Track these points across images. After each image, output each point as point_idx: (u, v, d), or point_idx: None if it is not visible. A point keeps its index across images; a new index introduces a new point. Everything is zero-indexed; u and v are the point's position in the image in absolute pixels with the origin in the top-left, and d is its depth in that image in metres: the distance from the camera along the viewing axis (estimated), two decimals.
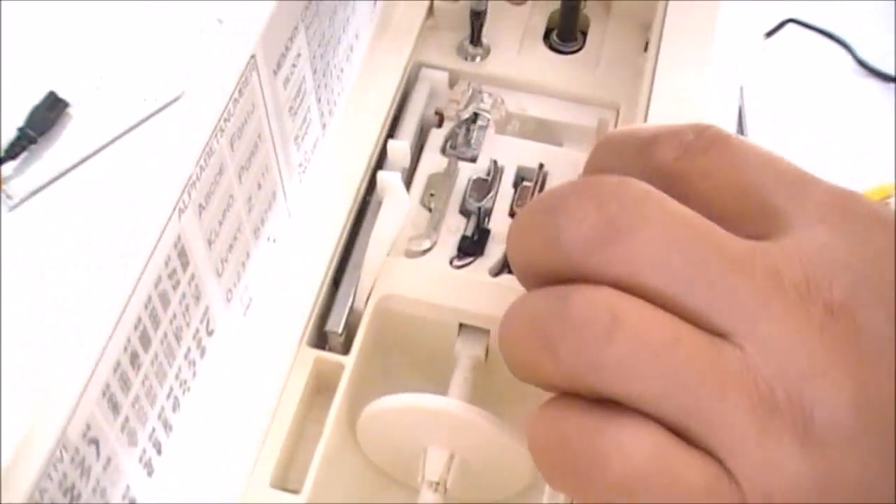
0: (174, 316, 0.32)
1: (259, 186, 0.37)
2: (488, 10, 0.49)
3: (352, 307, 0.42)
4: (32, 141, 0.86)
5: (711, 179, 0.29)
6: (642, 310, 0.26)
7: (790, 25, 1.06)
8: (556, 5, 0.52)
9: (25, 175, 0.86)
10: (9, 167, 0.85)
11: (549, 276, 0.29)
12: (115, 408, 0.30)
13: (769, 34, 1.05)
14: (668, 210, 0.27)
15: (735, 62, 0.47)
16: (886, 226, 0.28)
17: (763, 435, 0.25)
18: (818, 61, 1.05)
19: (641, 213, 0.27)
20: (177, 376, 0.33)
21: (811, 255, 0.27)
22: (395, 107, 0.47)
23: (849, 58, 1.04)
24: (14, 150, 0.85)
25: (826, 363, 0.26)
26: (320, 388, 0.41)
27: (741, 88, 0.47)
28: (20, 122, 0.87)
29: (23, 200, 0.84)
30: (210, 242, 0.34)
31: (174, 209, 0.31)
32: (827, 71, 1.05)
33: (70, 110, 0.91)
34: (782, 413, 0.26)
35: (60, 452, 0.27)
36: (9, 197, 0.81)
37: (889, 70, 1.03)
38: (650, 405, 0.26)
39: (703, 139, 0.29)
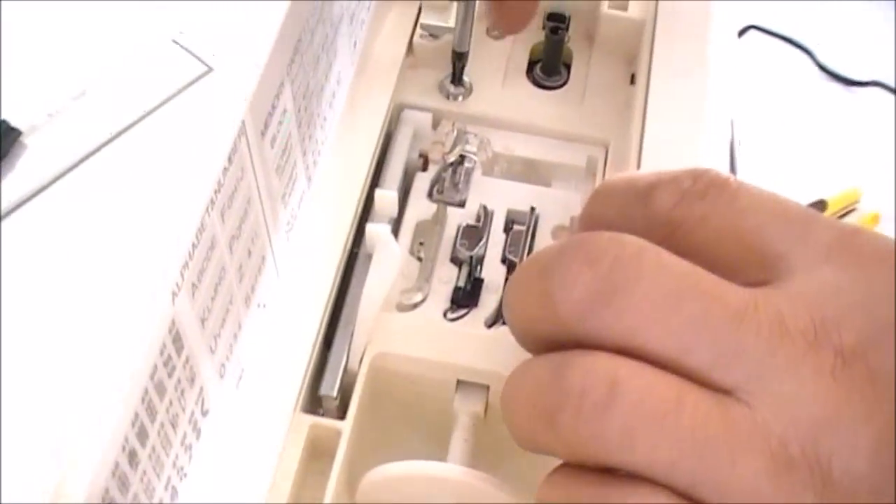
0: (170, 403, 0.30)
1: (249, 253, 0.35)
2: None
3: (345, 368, 0.40)
4: None
5: (710, 225, 0.28)
6: (641, 374, 0.25)
7: (752, 32, 1.06)
8: (538, 37, 0.51)
9: None
10: None
11: (548, 340, 0.28)
12: None
13: None
14: (664, 265, 0.26)
15: (726, 95, 0.46)
16: (893, 263, 0.27)
17: (779, 494, 0.24)
18: (780, 66, 1.05)
19: (636, 270, 0.26)
20: (174, 464, 0.32)
21: (817, 299, 0.26)
22: (378, 151, 0.45)
23: (810, 62, 1.05)
24: None
25: (841, 411, 0.25)
26: (317, 455, 0.39)
27: (732, 122, 0.46)
28: None
29: None
30: (203, 321, 0.32)
31: (169, 294, 0.29)
32: (789, 76, 1.05)
33: (24, 139, 0.88)
34: (798, 468, 0.24)
35: None
36: None
37: (850, 74, 1.03)
38: (657, 473, 0.25)
39: (700, 184, 0.28)
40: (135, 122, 0.71)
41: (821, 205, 0.95)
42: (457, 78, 0.48)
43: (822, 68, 1.07)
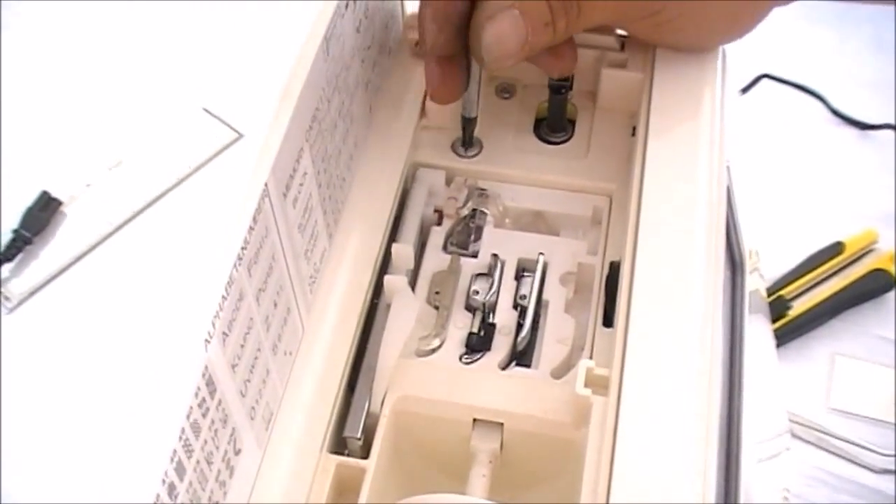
0: (205, 442, 0.33)
1: (275, 305, 0.38)
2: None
3: (368, 411, 0.43)
4: (28, 241, 0.87)
5: None
6: None
7: (764, 80, 1.08)
8: (543, 95, 0.54)
9: (23, 276, 0.87)
10: (5, 269, 0.86)
11: None
12: None
13: (744, 90, 1.08)
14: None
15: (722, 142, 0.48)
16: None
17: None
18: (793, 113, 1.08)
19: None
20: (209, 499, 0.34)
21: None
22: (395, 208, 0.48)
23: (823, 108, 1.07)
24: (10, 252, 0.86)
25: None
26: (343, 492, 0.42)
27: (728, 168, 0.49)
28: (14, 223, 0.88)
29: (21, 302, 0.85)
30: (234, 367, 0.35)
31: (203, 342, 0.32)
32: (802, 122, 1.07)
33: (63, 209, 0.92)
34: None
35: None
36: (7, 299, 0.82)
37: (863, 118, 1.05)
38: None
39: None
40: (169, 189, 0.75)
41: (838, 246, 0.97)
42: (466, 142, 0.51)
43: (835, 113, 1.09)
